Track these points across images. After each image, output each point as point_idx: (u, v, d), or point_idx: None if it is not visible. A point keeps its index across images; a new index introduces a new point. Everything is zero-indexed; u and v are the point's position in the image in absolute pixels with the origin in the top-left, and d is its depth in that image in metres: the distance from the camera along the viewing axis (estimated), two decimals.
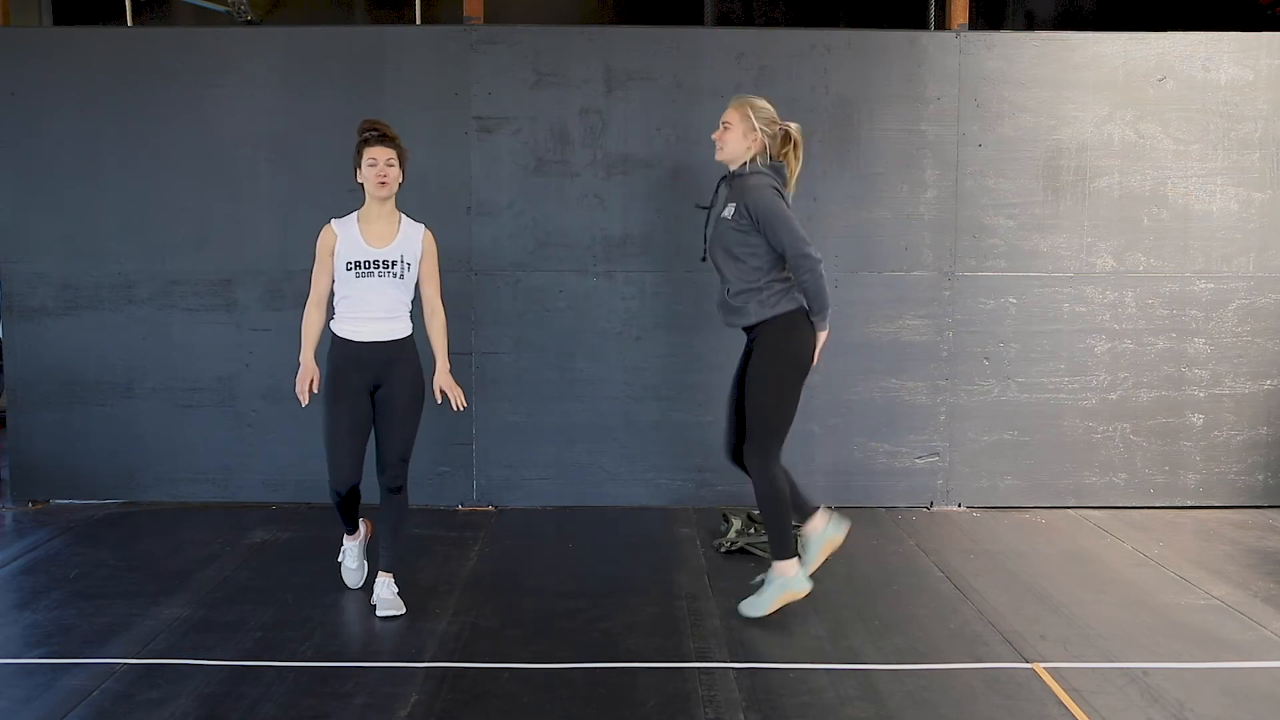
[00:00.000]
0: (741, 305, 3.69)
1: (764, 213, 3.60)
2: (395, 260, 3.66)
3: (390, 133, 3.67)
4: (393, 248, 3.67)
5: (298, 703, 3.06)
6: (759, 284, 3.66)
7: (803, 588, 3.73)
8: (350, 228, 3.69)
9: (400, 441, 3.73)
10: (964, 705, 3.08)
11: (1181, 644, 3.53)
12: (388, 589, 3.81)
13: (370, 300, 3.65)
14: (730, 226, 3.68)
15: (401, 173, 3.70)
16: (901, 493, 5.21)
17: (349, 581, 4.02)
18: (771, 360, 3.67)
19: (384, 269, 3.64)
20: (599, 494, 5.19)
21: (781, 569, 3.72)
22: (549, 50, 5.00)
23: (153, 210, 5.06)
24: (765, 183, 3.66)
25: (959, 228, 5.09)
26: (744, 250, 3.66)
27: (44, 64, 5.00)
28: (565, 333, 5.12)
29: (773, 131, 3.71)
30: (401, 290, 3.70)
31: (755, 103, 3.73)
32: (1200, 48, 5.06)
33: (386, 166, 3.62)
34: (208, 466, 5.17)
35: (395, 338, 3.70)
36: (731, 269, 3.71)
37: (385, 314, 3.68)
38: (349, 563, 4.02)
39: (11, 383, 5.17)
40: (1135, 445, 5.21)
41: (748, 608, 3.73)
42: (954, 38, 5.05)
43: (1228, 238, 5.12)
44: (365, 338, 3.67)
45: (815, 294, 3.64)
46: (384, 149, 3.62)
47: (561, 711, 3.02)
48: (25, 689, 3.14)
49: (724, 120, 3.75)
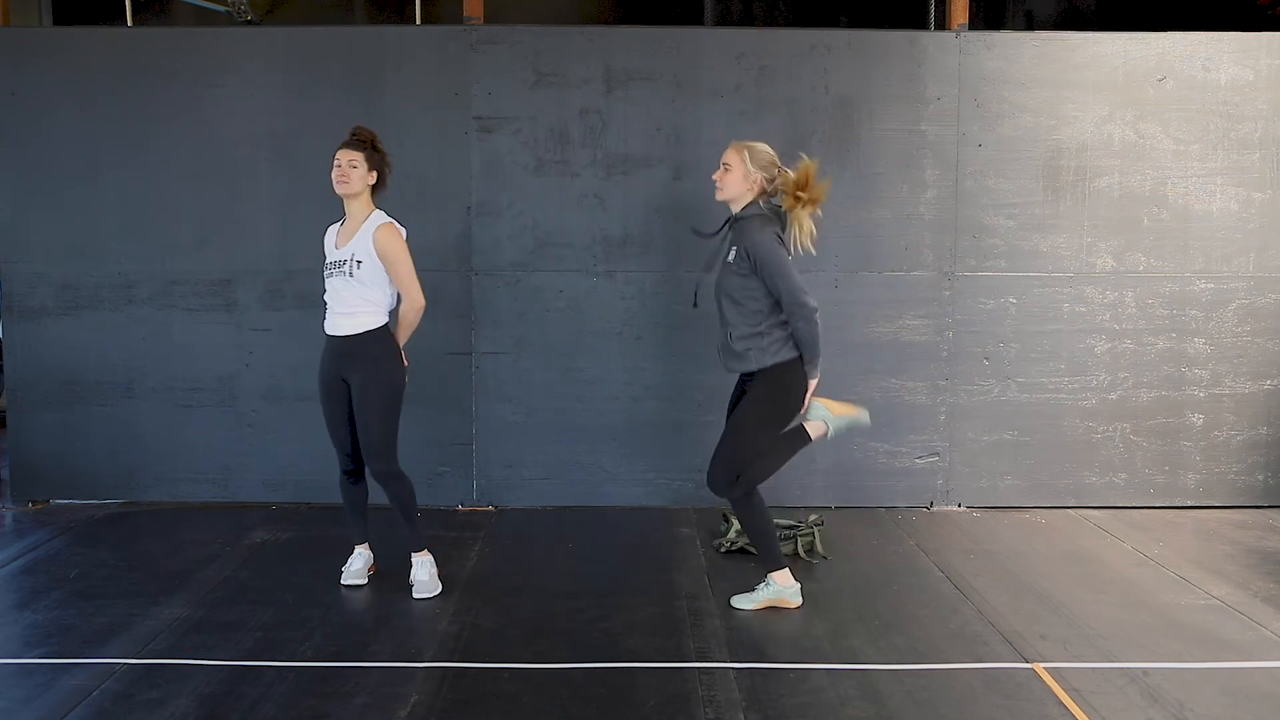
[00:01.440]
0: (743, 351, 3.73)
1: (762, 258, 3.62)
2: (346, 260, 3.81)
3: (364, 136, 3.85)
4: (348, 247, 3.83)
5: (298, 703, 3.06)
6: (761, 328, 3.70)
7: (794, 600, 3.84)
8: (334, 228, 3.97)
9: (365, 434, 3.86)
10: (964, 705, 3.08)
11: (1181, 644, 3.53)
12: (424, 570, 3.99)
13: (332, 296, 3.86)
14: (732, 270, 3.72)
15: (376, 174, 3.86)
16: (901, 493, 5.21)
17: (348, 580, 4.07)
18: (766, 405, 3.75)
19: (338, 268, 3.83)
20: (599, 494, 5.19)
21: (774, 577, 3.84)
22: (549, 50, 5.00)
23: (153, 210, 5.06)
24: (766, 227, 3.68)
25: (959, 228, 5.09)
26: (744, 294, 3.70)
27: (44, 64, 5.00)
28: (565, 333, 5.12)
29: (771, 174, 3.73)
30: (356, 286, 3.80)
31: (754, 147, 3.75)
32: (1200, 48, 5.06)
33: (349, 168, 3.81)
34: (208, 466, 5.17)
35: (351, 332, 3.84)
36: (733, 312, 3.74)
37: (345, 310, 3.84)
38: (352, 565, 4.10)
39: (11, 383, 5.17)
40: (1135, 445, 5.21)
41: (739, 599, 3.84)
42: (954, 38, 5.05)
43: (1228, 238, 5.12)
44: (332, 331, 3.91)
45: (809, 343, 3.69)
46: (349, 151, 3.82)
47: (561, 711, 3.02)
48: (25, 689, 3.14)
49: (724, 161, 3.76)
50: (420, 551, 4.01)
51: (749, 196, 3.74)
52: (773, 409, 3.75)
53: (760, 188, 3.73)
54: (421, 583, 3.95)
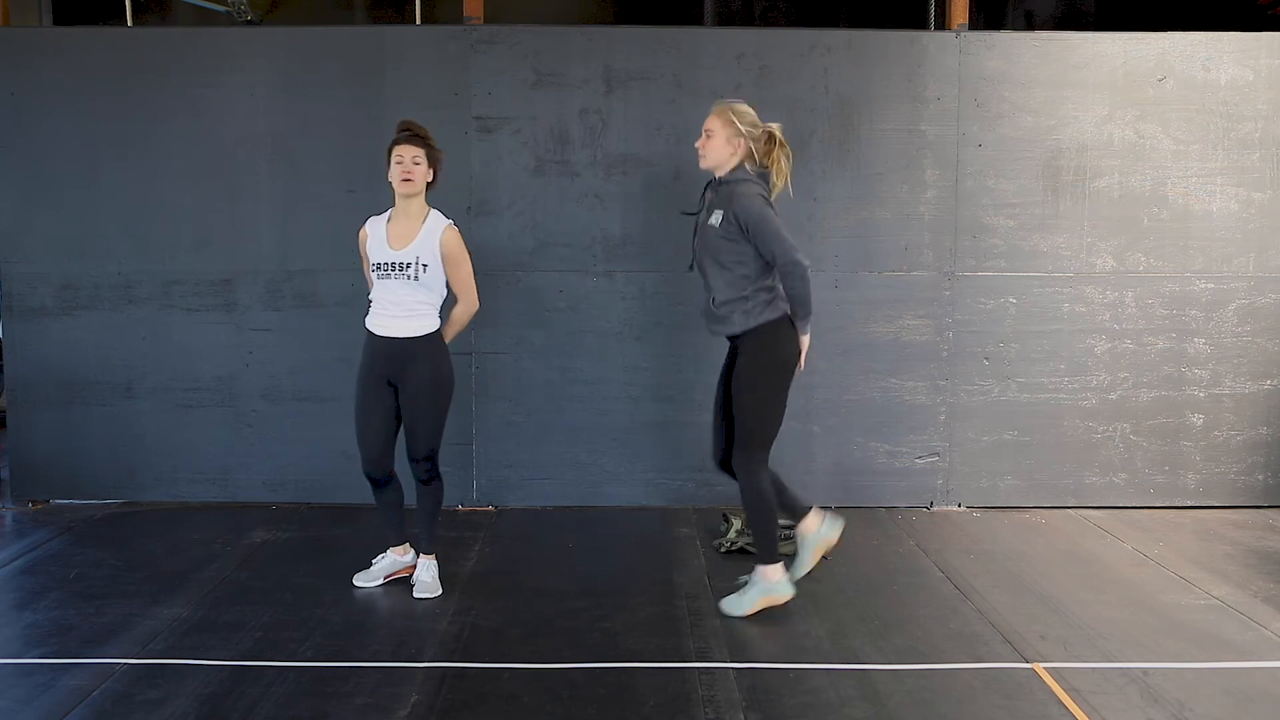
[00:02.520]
0: (726, 314, 3.70)
1: (753, 221, 3.59)
2: (410, 263, 3.73)
3: (421, 132, 3.78)
4: (410, 249, 3.75)
5: (298, 703, 3.06)
6: (745, 292, 3.67)
7: (785, 593, 3.76)
8: (380, 227, 3.84)
9: (418, 438, 3.86)
10: (964, 705, 3.08)
11: (1181, 644, 3.53)
12: (427, 571, 3.98)
13: (387, 298, 3.79)
14: (718, 235, 3.67)
15: (433, 172, 3.81)
16: (901, 493, 5.21)
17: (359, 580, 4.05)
18: (758, 368, 3.70)
19: (398, 271, 3.74)
20: (599, 494, 5.19)
21: (765, 573, 3.76)
22: (549, 50, 5.00)
23: (152, 210, 5.06)
24: (753, 190, 3.65)
25: (959, 228, 5.09)
26: (731, 259, 3.66)
27: (44, 64, 5.00)
28: (565, 333, 5.11)
29: (756, 135, 3.69)
30: (418, 290, 3.77)
31: (736, 107, 3.71)
32: (1200, 48, 5.06)
33: (412, 164, 3.73)
34: (208, 466, 5.17)
35: (409, 335, 3.80)
36: (718, 277, 3.70)
37: (401, 312, 3.78)
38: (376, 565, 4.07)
39: (11, 383, 5.17)
40: (1135, 445, 5.21)
41: (728, 605, 3.77)
42: (954, 38, 5.05)
43: (1228, 238, 5.12)
44: (384, 332, 3.81)
45: (802, 300, 3.66)
46: (411, 147, 3.73)
47: (561, 711, 3.02)
48: (25, 689, 3.14)
49: (706, 128, 3.72)
50: (430, 555, 4.02)
51: (734, 161, 3.69)
52: (769, 370, 3.70)
53: (746, 150, 3.68)
54: (424, 583, 3.95)
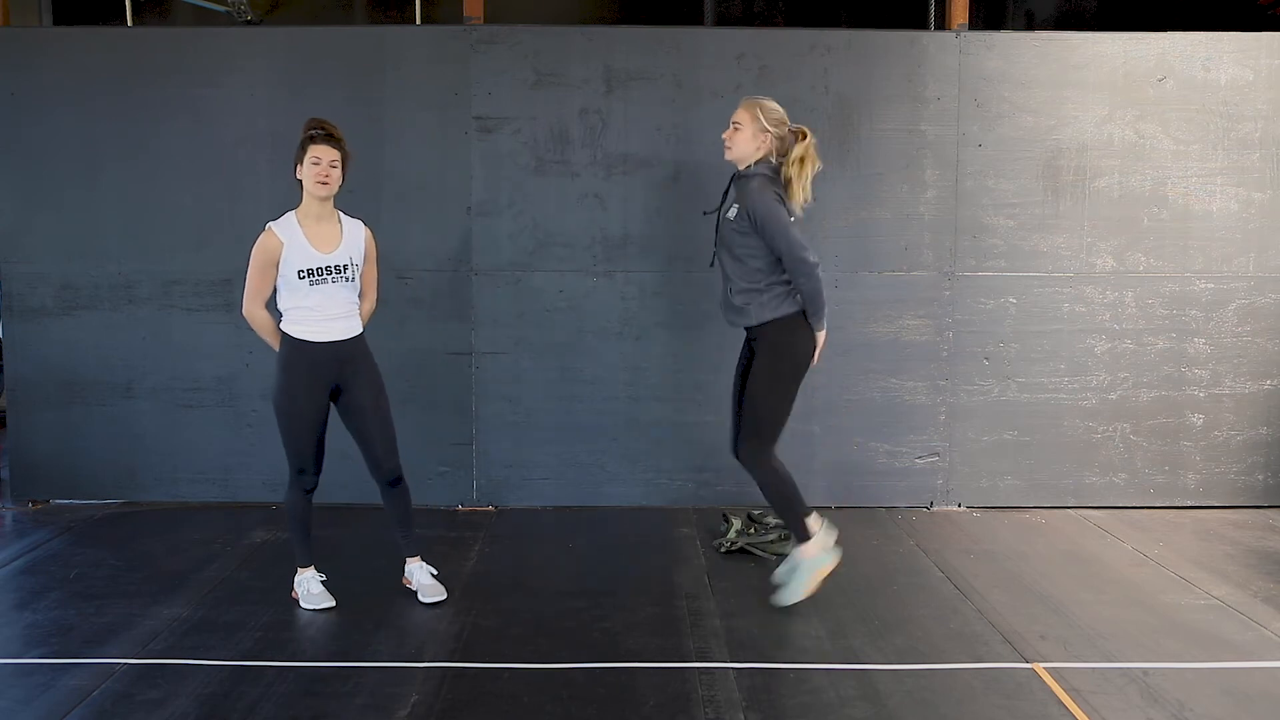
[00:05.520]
0: (743, 305, 3.75)
1: (762, 216, 3.65)
2: (345, 264, 3.70)
3: (337, 134, 3.66)
4: (340, 251, 3.70)
5: (298, 703, 3.06)
6: (760, 285, 3.72)
7: (830, 561, 3.81)
8: (293, 231, 3.65)
9: (384, 437, 3.81)
10: (964, 705, 3.08)
11: (1181, 644, 3.53)
12: (425, 574, 3.93)
13: (326, 304, 3.69)
14: (733, 228, 3.74)
15: (343, 176, 3.68)
16: (901, 493, 5.21)
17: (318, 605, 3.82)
18: (773, 362, 3.75)
19: (337, 274, 3.68)
20: (599, 494, 5.19)
21: (805, 551, 3.79)
22: (549, 50, 5.00)
23: (152, 210, 5.06)
24: (767, 187, 3.71)
25: (959, 228, 5.09)
26: (745, 251, 3.72)
27: (44, 64, 5.00)
28: (565, 333, 5.11)
29: (781, 133, 3.75)
30: (353, 291, 3.77)
31: (765, 104, 3.77)
32: (1200, 48, 5.06)
33: (330, 167, 3.62)
34: (208, 466, 5.17)
35: (352, 335, 3.77)
36: (734, 269, 3.77)
37: (341, 314, 3.74)
38: (312, 589, 3.86)
39: (11, 383, 5.17)
40: (1135, 445, 5.21)
41: (784, 597, 3.78)
42: (954, 38, 5.05)
43: (1228, 238, 5.12)
44: (327, 338, 3.70)
45: (812, 298, 3.71)
46: (329, 149, 3.61)
47: (561, 711, 3.02)
48: (25, 689, 3.14)
49: (734, 120, 3.78)
50: (417, 557, 3.97)
51: (757, 155, 3.75)
52: (784, 365, 3.75)
53: (769, 147, 3.74)
54: (427, 587, 3.89)
